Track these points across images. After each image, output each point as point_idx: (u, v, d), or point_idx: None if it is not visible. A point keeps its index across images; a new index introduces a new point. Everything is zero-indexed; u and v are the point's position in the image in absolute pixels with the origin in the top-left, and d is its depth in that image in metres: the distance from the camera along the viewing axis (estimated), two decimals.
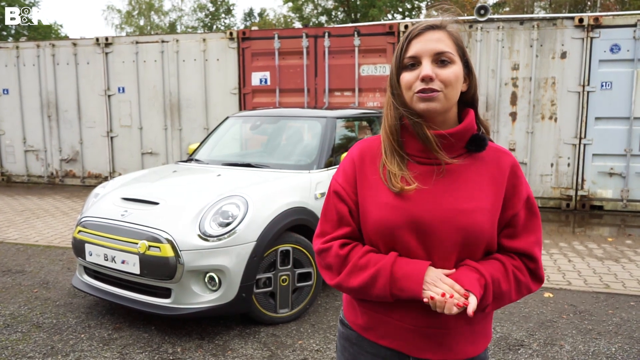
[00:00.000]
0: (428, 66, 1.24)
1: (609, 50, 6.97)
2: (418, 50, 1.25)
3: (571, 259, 5.18)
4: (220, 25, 34.67)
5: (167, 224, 3.31)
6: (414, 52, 1.25)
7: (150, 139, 9.07)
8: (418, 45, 1.25)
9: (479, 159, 1.31)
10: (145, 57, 8.89)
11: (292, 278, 3.60)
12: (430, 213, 1.24)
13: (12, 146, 9.93)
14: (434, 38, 1.25)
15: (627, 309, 3.90)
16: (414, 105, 1.26)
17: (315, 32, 8.17)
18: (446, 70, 1.24)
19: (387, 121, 1.32)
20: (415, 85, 1.25)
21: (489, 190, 1.28)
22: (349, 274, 1.29)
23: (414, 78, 1.25)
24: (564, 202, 7.40)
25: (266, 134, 5.01)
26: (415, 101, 1.26)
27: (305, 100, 8.16)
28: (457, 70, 1.26)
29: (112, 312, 3.80)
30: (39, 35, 23.48)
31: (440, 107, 1.25)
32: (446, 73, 1.24)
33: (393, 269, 1.24)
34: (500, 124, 7.43)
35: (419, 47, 1.25)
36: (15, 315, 3.76)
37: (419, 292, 1.21)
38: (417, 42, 1.26)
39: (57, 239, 5.95)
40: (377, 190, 1.30)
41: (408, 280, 1.22)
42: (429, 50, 1.24)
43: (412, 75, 1.26)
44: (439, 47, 1.24)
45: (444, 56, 1.24)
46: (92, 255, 3.50)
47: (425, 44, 1.25)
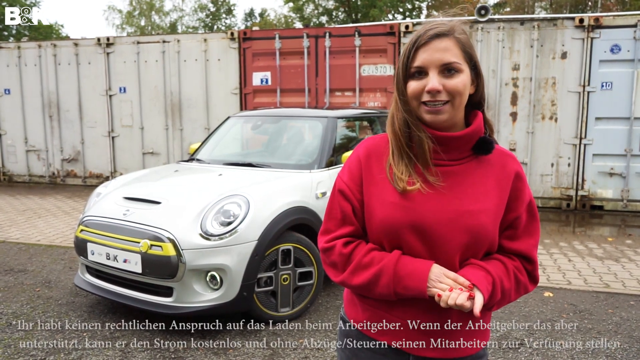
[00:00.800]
0: (435, 78, 1.23)
1: (610, 50, 6.98)
2: (425, 61, 1.24)
3: (571, 259, 5.19)
4: (221, 25, 34.69)
5: (169, 223, 3.33)
6: (420, 63, 1.24)
7: (151, 138, 9.09)
8: (424, 55, 1.24)
9: (485, 162, 1.33)
10: (147, 57, 8.90)
11: (293, 277, 3.61)
12: (436, 214, 1.26)
13: (13, 146, 9.95)
14: (441, 47, 1.23)
15: (626, 308, 3.91)
16: (421, 115, 1.27)
17: (316, 32, 8.18)
18: (453, 81, 1.23)
19: (396, 123, 1.31)
20: (422, 95, 1.25)
21: (494, 192, 1.30)
22: (353, 272, 1.30)
23: (421, 88, 1.25)
24: (564, 202, 7.41)
25: (267, 133, 5.02)
26: (422, 112, 1.26)
27: (306, 100, 8.18)
28: (464, 79, 1.25)
29: (114, 310, 3.81)
30: (40, 35, 23.49)
31: (448, 118, 1.26)
32: (453, 83, 1.23)
33: (396, 267, 1.24)
34: (501, 124, 7.44)
35: (425, 57, 1.24)
36: (17, 314, 3.77)
37: (423, 290, 1.22)
38: (424, 51, 1.24)
39: (58, 238, 5.97)
40: (383, 189, 1.31)
41: (412, 279, 1.22)
42: (435, 61, 1.23)
43: (419, 85, 1.25)
44: (446, 58, 1.23)
45: (451, 66, 1.24)
46: (95, 254, 3.52)
47: (432, 54, 1.23)
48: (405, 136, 1.29)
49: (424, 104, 1.25)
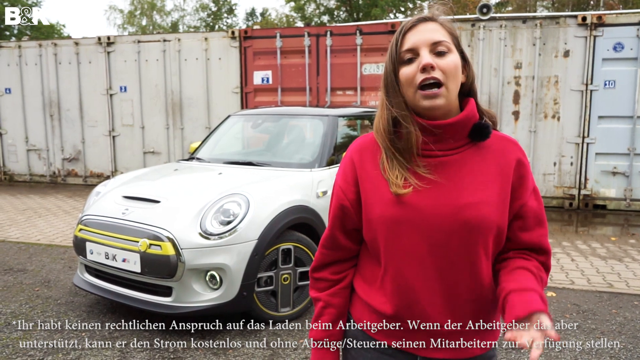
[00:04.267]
0: (427, 55, 1.22)
1: (612, 48, 6.93)
2: (415, 41, 1.23)
3: (574, 258, 5.15)
4: (223, 24, 34.64)
5: (168, 222, 3.30)
6: (410, 44, 1.23)
7: (152, 138, 9.07)
8: (414, 37, 1.24)
9: (484, 148, 1.28)
10: (147, 56, 8.88)
11: (293, 277, 3.58)
12: (434, 208, 1.22)
13: (14, 145, 9.95)
14: (429, 28, 1.24)
15: (630, 308, 3.88)
16: (418, 102, 1.23)
17: (317, 31, 8.15)
18: (445, 60, 1.22)
19: (381, 125, 1.28)
20: (416, 77, 1.22)
21: (495, 180, 1.26)
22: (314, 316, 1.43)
23: (414, 71, 1.22)
24: (567, 201, 7.37)
25: (268, 132, 4.99)
26: (418, 99, 1.23)
27: (307, 99, 8.15)
28: (455, 59, 1.24)
29: (113, 310, 3.79)
30: (42, 35, 23.50)
31: (445, 102, 1.23)
32: (445, 62, 1.22)
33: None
34: (503, 123, 7.40)
35: (415, 38, 1.23)
36: (16, 313, 3.75)
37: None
38: (412, 34, 1.24)
39: (58, 237, 5.95)
40: (378, 185, 1.28)
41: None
42: (425, 40, 1.23)
43: (412, 68, 1.23)
44: (436, 37, 1.23)
45: (441, 45, 1.22)
46: (93, 254, 3.49)
47: (421, 34, 1.23)
48: (391, 138, 1.26)
49: (420, 89, 1.22)
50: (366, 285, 1.37)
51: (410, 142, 1.24)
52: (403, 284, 1.27)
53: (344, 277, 1.42)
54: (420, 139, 1.24)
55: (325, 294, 1.41)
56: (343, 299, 1.42)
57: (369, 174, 1.31)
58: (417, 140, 1.24)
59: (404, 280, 1.26)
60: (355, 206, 1.34)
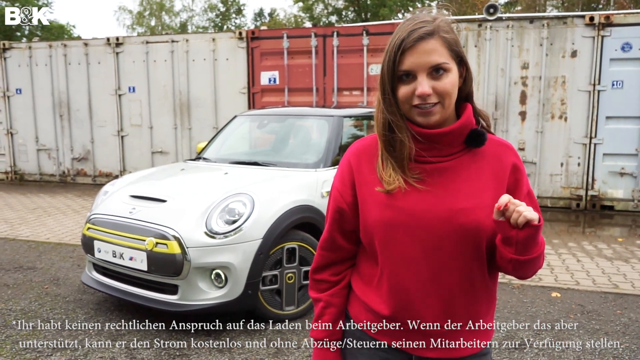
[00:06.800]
0: (424, 82, 1.21)
1: (620, 48, 6.89)
2: (412, 65, 1.21)
3: (580, 259, 5.14)
4: (231, 25, 34.76)
5: (174, 221, 3.34)
6: (408, 67, 1.22)
7: (160, 138, 9.14)
8: (411, 59, 1.21)
9: (479, 154, 1.30)
10: (156, 57, 8.95)
11: (298, 275, 3.61)
12: (429, 212, 1.24)
13: (24, 145, 10.06)
14: (428, 49, 1.20)
15: (635, 309, 3.87)
16: (413, 117, 1.25)
17: (324, 31, 8.18)
18: (442, 82, 1.21)
19: (377, 126, 1.30)
20: (413, 98, 1.23)
21: (490, 185, 1.27)
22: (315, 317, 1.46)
23: (411, 92, 1.23)
24: (574, 202, 7.34)
25: (273, 132, 5.03)
26: (413, 114, 1.25)
27: (314, 99, 8.18)
28: (453, 78, 1.23)
29: (120, 308, 3.84)
30: (53, 36, 23.72)
31: (440, 118, 1.24)
32: (442, 85, 1.21)
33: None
34: (510, 123, 7.39)
35: (412, 61, 1.21)
36: (26, 310, 3.81)
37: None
38: (410, 55, 1.21)
39: (67, 236, 6.03)
40: (374, 189, 1.30)
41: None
42: (423, 64, 1.21)
43: (408, 89, 1.23)
44: (434, 60, 1.21)
45: (439, 67, 1.21)
46: (101, 252, 3.55)
47: (419, 57, 1.21)
48: (386, 140, 1.28)
49: (416, 107, 1.23)
50: (363, 285, 1.39)
51: (402, 153, 1.26)
52: (398, 286, 1.29)
53: (343, 277, 1.45)
54: (413, 150, 1.26)
55: (326, 294, 1.44)
56: (343, 298, 1.44)
57: (366, 178, 1.32)
58: (409, 151, 1.25)
59: (399, 283, 1.29)
60: (352, 209, 1.36)
